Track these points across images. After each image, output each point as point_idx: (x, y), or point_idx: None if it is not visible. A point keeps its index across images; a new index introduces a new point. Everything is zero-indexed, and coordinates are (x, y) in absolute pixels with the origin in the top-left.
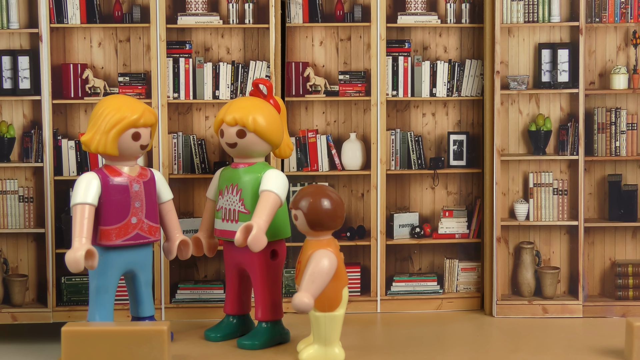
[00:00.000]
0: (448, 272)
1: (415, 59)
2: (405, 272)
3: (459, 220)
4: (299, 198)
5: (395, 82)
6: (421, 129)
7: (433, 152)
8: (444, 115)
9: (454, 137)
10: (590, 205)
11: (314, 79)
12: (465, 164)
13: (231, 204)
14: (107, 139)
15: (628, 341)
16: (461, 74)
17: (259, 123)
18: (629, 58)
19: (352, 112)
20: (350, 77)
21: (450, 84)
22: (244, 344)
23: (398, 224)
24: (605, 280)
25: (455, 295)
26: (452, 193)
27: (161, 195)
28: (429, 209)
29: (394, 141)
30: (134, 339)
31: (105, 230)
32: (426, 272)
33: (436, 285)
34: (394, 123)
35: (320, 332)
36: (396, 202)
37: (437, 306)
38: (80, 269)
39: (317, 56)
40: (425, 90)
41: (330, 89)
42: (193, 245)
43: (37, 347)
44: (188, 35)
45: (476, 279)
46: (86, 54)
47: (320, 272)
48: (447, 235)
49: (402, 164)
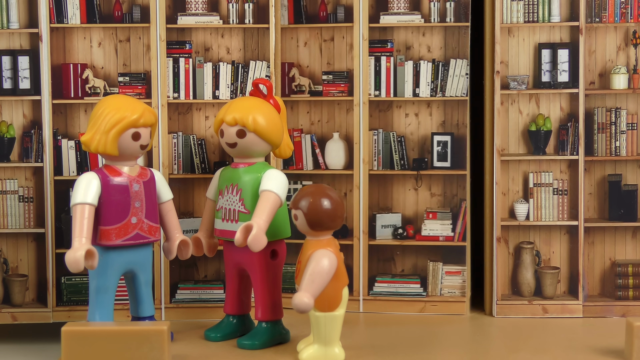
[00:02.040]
0: (432, 275)
1: (398, 58)
2: (387, 273)
3: (444, 222)
4: (299, 198)
5: (377, 82)
6: (404, 130)
7: (416, 152)
8: (428, 115)
9: (438, 138)
10: (590, 205)
11: (298, 79)
12: (450, 166)
13: (231, 203)
14: (107, 138)
15: (628, 341)
16: (445, 74)
17: (259, 123)
18: (629, 58)
19: (336, 112)
20: (334, 77)
21: (434, 84)
22: (244, 344)
23: (380, 224)
24: (605, 280)
25: (439, 298)
26: (435, 195)
27: (161, 195)
28: (412, 210)
29: (377, 141)
30: (134, 339)
31: (105, 230)
32: (409, 274)
33: (419, 287)
34: (377, 123)
35: (320, 332)
36: (379, 203)
37: (420, 309)
38: (80, 269)
39: (302, 57)
40: (408, 91)
41: (314, 89)
42: (193, 245)
43: (37, 347)
44: (188, 35)
45: (461, 283)
46: (86, 54)
47: (320, 272)
48: (430, 237)
49: (385, 165)
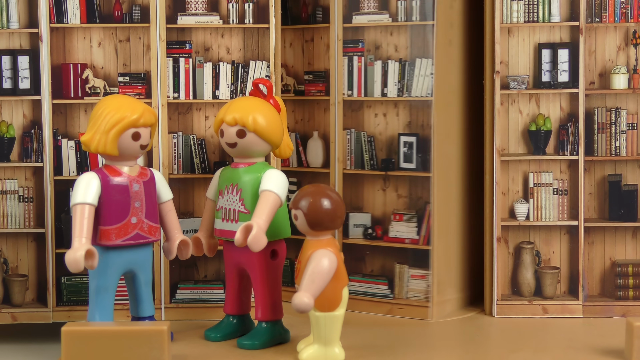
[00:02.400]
0: (398, 277)
1: (368, 58)
2: (359, 272)
3: (409, 224)
4: (299, 198)
5: (350, 82)
6: (374, 129)
7: (384, 153)
8: (395, 115)
9: (404, 139)
10: (590, 205)
11: (285, 79)
12: (415, 167)
13: (231, 203)
14: (107, 138)
15: (628, 341)
16: (411, 74)
17: (259, 123)
18: (629, 58)
19: (315, 111)
20: (314, 77)
21: (401, 83)
22: (243, 344)
23: (353, 223)
24: (605, 280)
25: (405, 302)
26: (402, 196)
27: (161, 195)
28: (380, 210)
29: (350, 141)
30: (134, 339)
31: (105, 230)
32: (378, 274)
33: (387, 289)
34: (350, 123)
35: (320, 332)
36: (351, 202)
37: (387, 310)
38: (80, 269)
39: (288, 57)
40: (377, 90)
41: (298, 89)
42: (193, 245)
43: (37, 347)
44: (188, 35)
45: (426, 288)
46: (86, 53)
47: (320, 272)
48: (397, 239)
49: (356, 164)
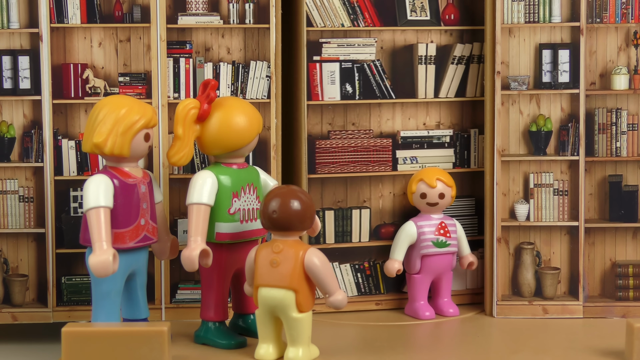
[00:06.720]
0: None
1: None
2: None
3: None
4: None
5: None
6: None
7: None
8: None
9: None
10: (590, 205)
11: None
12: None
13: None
14: (124, 140)
15: (628, 342)
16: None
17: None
18: (630, 58)
19: None
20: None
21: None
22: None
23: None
24: (606, 280)
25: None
26: None
27: (155, 197)
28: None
29: None
30: (134, 340)
31: (119, 234)
32: None
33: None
34: None
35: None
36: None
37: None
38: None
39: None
40: None
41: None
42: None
43: (37, 347)
44: (188, 35)
45: None
46: (86, 53)
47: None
48: None
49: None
